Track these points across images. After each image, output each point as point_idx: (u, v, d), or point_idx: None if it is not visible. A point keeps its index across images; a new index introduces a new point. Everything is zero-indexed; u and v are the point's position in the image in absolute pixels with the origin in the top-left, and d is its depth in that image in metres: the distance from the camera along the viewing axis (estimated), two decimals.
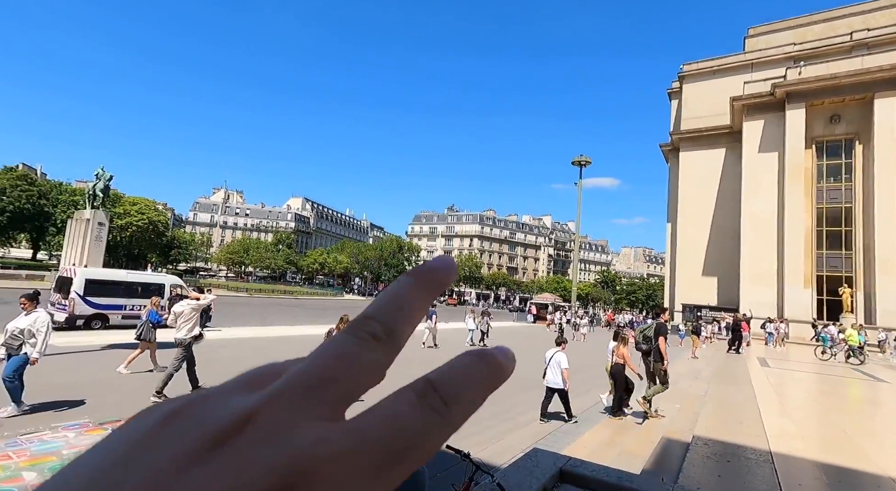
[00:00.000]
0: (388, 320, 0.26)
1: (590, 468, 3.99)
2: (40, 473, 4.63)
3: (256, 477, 0.19)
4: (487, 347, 0.27)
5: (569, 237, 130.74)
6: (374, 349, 0.26)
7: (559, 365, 8.02)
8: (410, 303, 0.27)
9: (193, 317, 8.03)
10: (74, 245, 24.44)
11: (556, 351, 8.30)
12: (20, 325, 6.57)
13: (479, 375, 0.25)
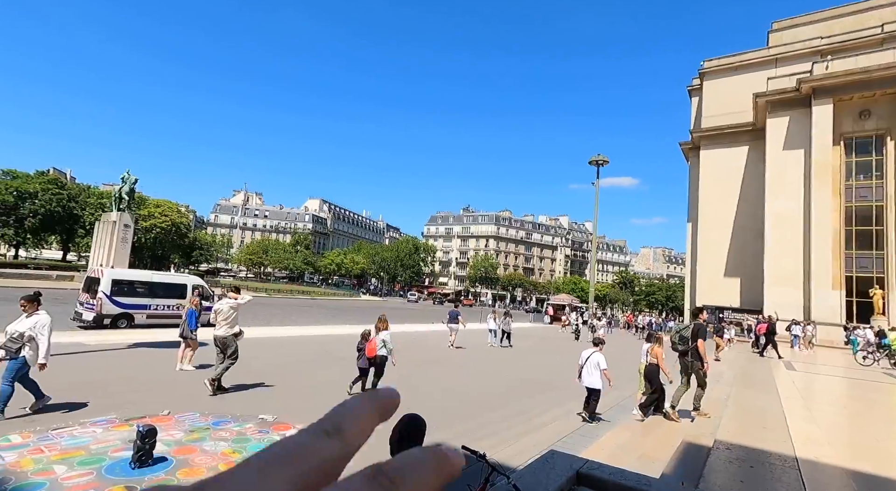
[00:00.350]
0: (338, 421, 0.30)
1: (607, 471, 3.94)
2: (70, 467, 4.81)
3: None
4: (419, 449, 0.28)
5: (586, 237, 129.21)
6: (324, 442, 0.29)
7: (597, 366, 8.01)
8: (359, 411, 0.31)
9: (232, 315, 8.44)
10: (102, 246, 25.18)
11: (594, 351, 8.27)
12: (20, 328, 6.23)
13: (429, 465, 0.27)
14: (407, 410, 2.94)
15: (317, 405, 7.87)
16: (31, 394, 6.44)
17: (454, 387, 10.45)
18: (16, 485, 4.29)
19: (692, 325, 7.83)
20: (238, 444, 5.81)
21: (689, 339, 7.68)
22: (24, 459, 4.83)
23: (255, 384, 9.04)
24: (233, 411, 7.03)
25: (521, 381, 11.95)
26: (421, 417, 2.74)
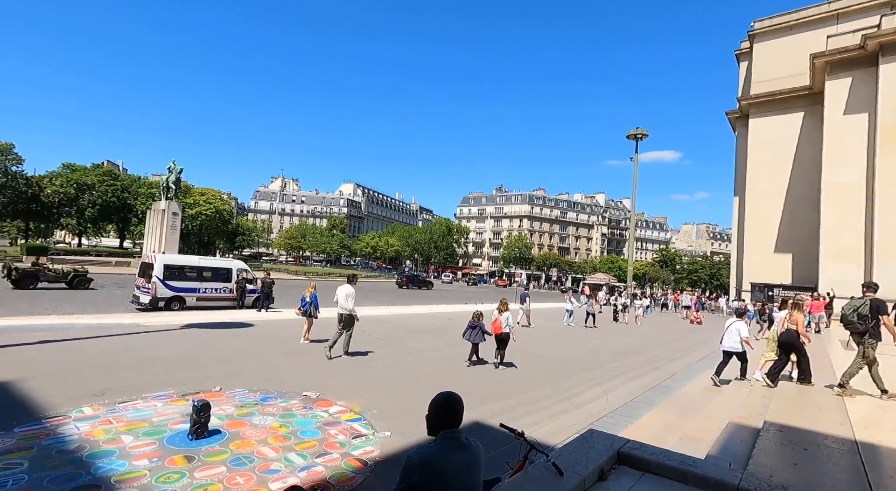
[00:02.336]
0: None
1: (649, 451, 3.86)
2: (136, 437, 5.20)
3: None
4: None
5: (624, 215, 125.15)
6: None
7: (738, 332, 9.09)
8: None
9: (353, 295, 10.29)
10: (153, 233, 26.73)
11: (736, 321, 9.34)
12: None
13: None
14: (451, 387, 2.96)
15: (354, 382, 8.13)
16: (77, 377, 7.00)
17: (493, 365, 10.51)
18: (90, 452, 4.69)
19: (867, 301, 7.00)
20: (284, 419, 6.10)
21: (869, 316, 6.86)
22: (96, 430, 5.26)
23: (300, 362, 9.42)
24: (279, 389, 7.37)
25: (558, 360, 11.88)
26: (457, 395, 2.75)
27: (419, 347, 12.32)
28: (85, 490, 3.97)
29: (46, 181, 60.07)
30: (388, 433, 5.82)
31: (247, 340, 11.55)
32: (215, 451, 4.95)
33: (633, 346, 15.80)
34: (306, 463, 4.84)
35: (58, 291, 20.28)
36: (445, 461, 2.44)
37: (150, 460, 4.60)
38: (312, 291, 12.34)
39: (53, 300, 17.33)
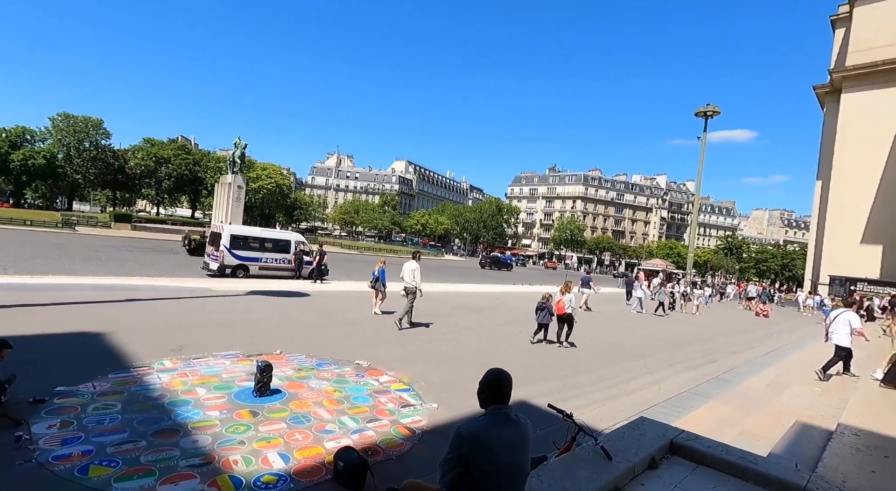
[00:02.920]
0: None
1: (705, 443, 3.71)
2: (208, 390, 5.69)
3: None
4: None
5: (687, 198, 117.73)
6: None
7: (848, 323, 8.53)
8: None
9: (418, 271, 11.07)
10: (220, 205, 28.52)
11: (845, 311, 8.84)
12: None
13: None
14: (496, 365, 2.98)
15: (402, 355, 8.39)
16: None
17: (541, 347, 10.46)
18: (170, 400, 5.22)
19: None
20: (338, 384, 6.43)
21: None
22: (175, 381, 5.82)
23: (352, 332, 9.85)
24: (333, 356, 7.76)
25: (609, 345, 11.59)
26: (506, 372, 2.76)
27: (467, 324, 12.46)
28: (167, 433, 4.43)
29: (130, 154, 65.54)
30: (434, 405, 5.99)
31: (303, 309, 12.21)
32: (277, 408, 5.33)
33: (689, 336, 15.08)
34: (358, 427, 5.11)
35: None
36: (494, 435, 2.48)
37: (220, 412, 5.05)
38: (382, 266, 12.92)
39: (141, 264, 19.13)
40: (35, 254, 19.06)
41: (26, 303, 9.12)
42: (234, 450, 4.25)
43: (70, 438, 4.12)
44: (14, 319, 7.81)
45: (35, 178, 62.32)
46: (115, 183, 65.67)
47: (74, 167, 61.07)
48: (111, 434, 4.28)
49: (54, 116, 62.26)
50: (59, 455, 3.84)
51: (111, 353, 6.67)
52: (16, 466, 3.61)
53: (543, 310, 10.67)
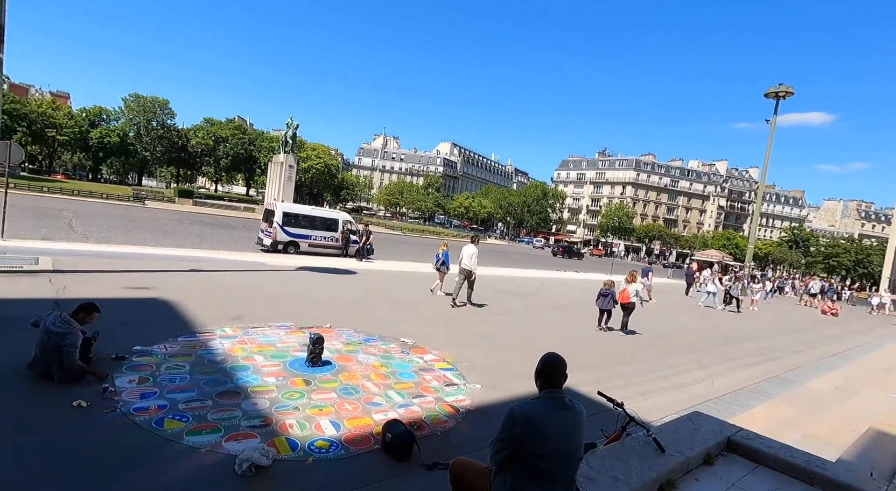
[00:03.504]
0: None
1: (767, 444, 3.52)
2: (265, 358, 6.02)
3: None
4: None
5: (749, 186, 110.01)
6: None
7: None
8: None
9: (476, 254, 11.53)
10: (273, 184, 29.73)
11: None
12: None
13: None
14: (540, 350, 2.94)
15: (447, 334, 8.49)
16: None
17: (594, 335, 10.28)
18: (232, 364, 5.58)
19: None
20: (385, 359, 6.63)
21: None
22: (235, 347, 6.21)
23: (397, 311, 10.09)
24: (379, 332, 7.99)
25: (658, 337, 11.20)
26: (561, 357, 2.73)
27: (510, 308, 12.42)
28: (230, 395, 4.76)
29: (192, 133, 69.25)
30: (478, 386, 6.05)
31: (350, 286, 12.60)
32: (328, 379, 5.57)
33: (746, 331, 14.28)
34: (404, 401, 5.25)
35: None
36: (547, 418, 2.47)
37: (276, 379, 5.34)
38: (445, 249, 13.25)
39: (201, 238, 20.40)
40: (111, 225, 20.76)
41: (105, 269, 9.98)
42: (290, 415, 4.50)
43: (147, 393, 4.52)
44: (95, 283, 8.58)
45: (110, 154, 67.45)
46: (178, 160, 69.93)
47: (143, 145, 65.48)
48: (182, 392, 4.65)
49: (126, 97, 66.74)
50: (138, 407, 4.22)
51: (179, 318, 7.20)
52: (103, 415, 4.02)
53: (606, 296, 10.80)
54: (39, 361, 4.41)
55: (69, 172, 76.93)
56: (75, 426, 3.81)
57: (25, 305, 6.65)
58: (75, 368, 4.42)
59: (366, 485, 3.58)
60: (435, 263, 13.30)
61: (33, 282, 8.17)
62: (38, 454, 3.38)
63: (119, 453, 3.53)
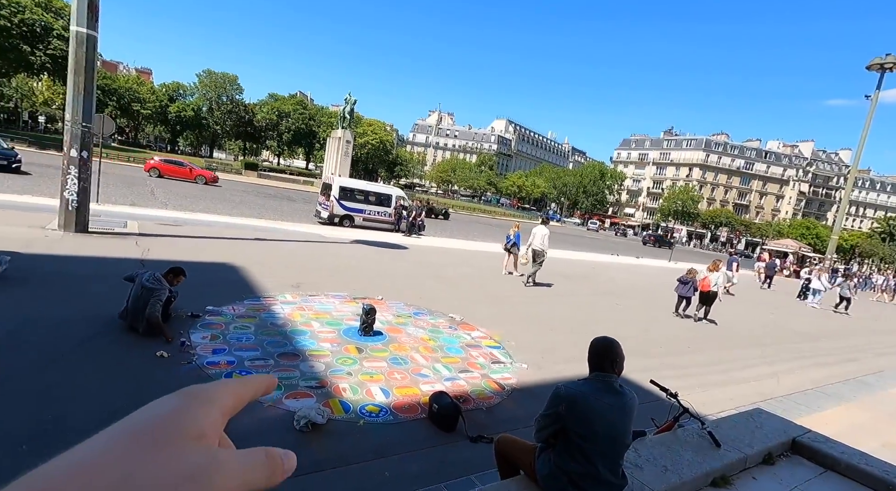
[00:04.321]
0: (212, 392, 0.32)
1: (839, 449, 3.27)
2: (321, 324, 6.34)
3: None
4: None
5: (837, 170, 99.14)
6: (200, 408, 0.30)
7: None
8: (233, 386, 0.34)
9: (548, 236, 11.95)
10: (331, 158, 30.66)
11: None
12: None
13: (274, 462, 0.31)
14: (590, 334, 2.88)
15: (495, 313, 8.51)
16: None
17: (648, 324, 9.93)
18: (292, 328, 5.95)
19: None
20: (433, 333, 6.78)
21: None
22: (294, 313, 6.60)
23: (446, 287, 10.23)
24: (428, 307, 8.15)
25: (722, 329, 10.60)
26: (615, 342, 2.66)
27: (561, 290, 12.20)
28: (290, 356, 5.09)
29: (257, 108, 72.51)
30: (525, 365, 6.05)
31: (402, 261, 12.89)
32: (379, 348, 5.80)
33: (823, 329, 13.17)
34: (451, 375, 5.37)
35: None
36: (592, 401, 2.45)
37: (331, 345, 5.64)
38: (516, 231, 13.42)
39: (265, 208, 21.61)
40: (186, 194, 22.43)
41: (182, 234, 10.86)
42: (343, 379, 4.75)
43: (218, 349, 4.94)
44: (174, 246, 9.37)
45: (186, 128, 72.32)
46: (245, 134, 73.73)
47: (215, 119, 69.53)
48: (247, 351, 5.03)
49: (200, 73, 70.78)
50: (210, 361, 4.63)
51: (245, 282, 7.74)
52: (181, 365, 4.45)
53: (686, 284, 10.80)
54: (129, 312, 4.92)
55: (151, 144, 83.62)
56: (159, 373, 4.26)
57: (115, 264, 7.42)
58: (154, 321, 4.90)
59: (413, 450, 3.74)
60: (506, 244, 13.52)
61: (122, 243, 9.07)
62: (128, 394, 3.82)
63: None
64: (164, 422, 0.28)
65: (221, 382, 0.33)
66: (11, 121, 65.32)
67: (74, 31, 8.83)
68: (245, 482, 0.28)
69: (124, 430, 0.27)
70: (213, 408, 0.31)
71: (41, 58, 37.32)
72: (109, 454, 0.25)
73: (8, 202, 11.60)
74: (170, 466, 0.26)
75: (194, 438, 0.28)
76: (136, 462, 0.25)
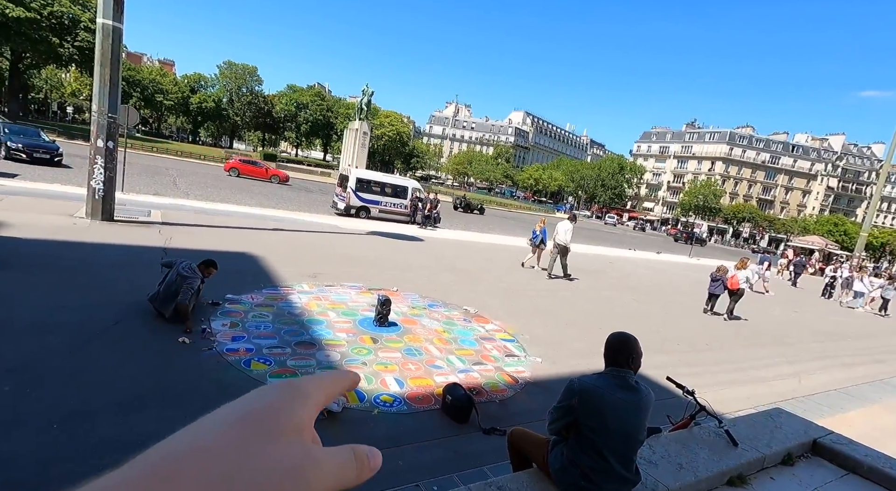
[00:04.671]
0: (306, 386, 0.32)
1: (862, 451, 3.19)
2: (337, 314, 6.43)
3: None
4: None
5: (869, 165, 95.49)
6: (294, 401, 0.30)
7: None
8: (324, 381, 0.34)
9: (571, 231, 12.19)
10: (348, 150, 30.76)
11: None
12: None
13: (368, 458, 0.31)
14: (605, 329, 2.86)
15: (510, 307, 8.50)
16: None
17: (668, 319, 9.81)
18: (308, 318, 6.04)
19: None
20: (447, 325, 6.80)
21: None
22: (311, 303, 6.70)
23: (461, 280, 10.24)
24: (443, 299, 8.18)
25: (741, 326, 10.39)
26: (632, 337, 2.63)
27: (575, 285, 12.10)
28: (306, 345, 5.18)
29: (276, 99, 73.18)
30: (539, 359, 6.04)
31: (417, 253, 12.93)
32: (393, 339, 5.86)
33: (849, 329, 12.80)
34: (464, 367, 5.40)
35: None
36: (605, 395, 2.44)
37: (347, 335, 5.71)
38: (542, 226, 13.49)
39: (283, 199, 21.90)
40: (206, 184, 22.86)
41: (203, 223, 11.09)
42: (358, 368, 4.81)
43: (237, 337, 5.06)
44: (195, 235, 9.58)
45: (207, 118, 73.49)
46: (264, 125, 74.58)
47: (235, 110, 70.46)
48: (266, 338, 5.14)
49: (221, 64, 71.65)
50: (230, 348, 4.75)
51: (264, 272, 7.88)
52: (202, 351, 4.57)
53: (717, 281, 11.08)
54: (160, 297, 5.05)
55: (173, 134, 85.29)
56: (181, 358, 4.39)
57: (139, 252, 7.63)
58: (183, 309, 5.01)
59: (426, 440, 3.78)
60: (531, 239, 13.65)
61: (146, 231, 9.31)
62: (152, 379, 3.95)
63: (216, 384, 4.04)
64: (267, 413, 0.28)
65: (314, 377, 0.33)
66: (41, 111, 67.35)
67: (101, 23, 9.02)
68: (337, 480, 0.28)
69: (235, 417, 0.28)
70: (309, 402, 0.31)
71: (69, 49, 38.22)
72: (225, 440, 0.26)
73: (39, 191, 12.00)
74: (275, 458, 0.26)
75: (294, 432, 0.28)
76: (248, 451, 0.26)
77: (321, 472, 0.28)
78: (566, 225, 12.17)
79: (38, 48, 37.06)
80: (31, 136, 19.58)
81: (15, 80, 42.17)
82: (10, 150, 17.78)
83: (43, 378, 3.70)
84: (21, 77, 43.91)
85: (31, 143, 18.47)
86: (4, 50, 39.75)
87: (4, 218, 8.23)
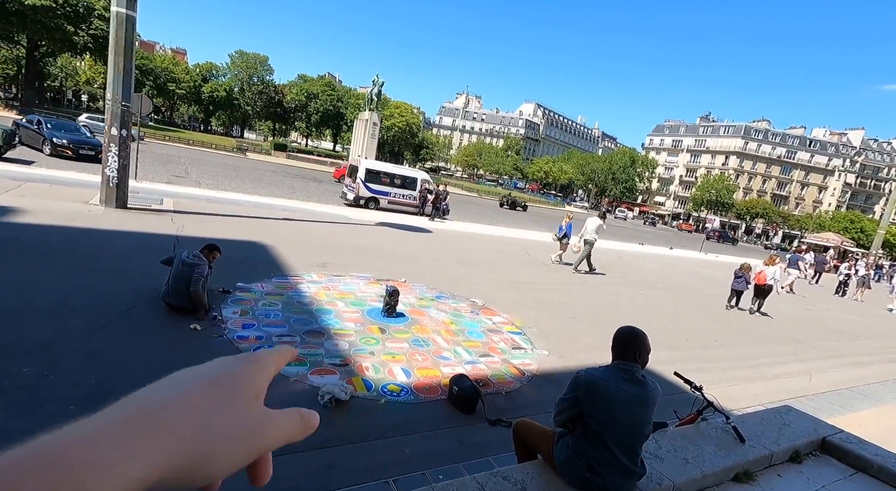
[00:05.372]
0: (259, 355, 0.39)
1: (872, 450, 3.16)
2: (346, 304, 6.47)
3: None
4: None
5: (889, 160, 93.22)
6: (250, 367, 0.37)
7: None
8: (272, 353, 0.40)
9: (596, 229, 12.34)
10: (358, 140, 30.75)
11: None
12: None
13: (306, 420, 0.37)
14: (613, 323, 2.85)
15: (518, 299, 8.49)
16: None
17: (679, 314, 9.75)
18: (317, 307, 6.10)
19: None
20: (455, 317, 6.83)
21: None
22: (320, 292, 6.76)
23: (470, 272, 10.25)
24: (451, 291, 8.20)
25: (751, 323, 10.29)
26: (640, 332, 2.62)
27: (585, 279, 12.05)
28: (315, 334, 5.24)
29: (287, 89, 73.22)
30: (546, 352, 6.05)
31: (426, 244, 12.95)
32: (401, 330, 5.90)
33: (863, 327, 12.60)
34: (471, 359, 5.43)
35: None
36: (611, 388, 2.45)
37: (355, 324, 5.76)
38: (569, 221, 13.72)
39: (293, 189, 22.02)
40: (218, 173, 23.05)
41: (214, 212, 11.20)
42: (366, 358, 4.86)
43: (248, 324, 5.13)
44: (206, 224, 9.69)
45: (218, 108, 73.84)
46: (275, 115, 74.79)
47: (245, 100, 70.70)
48: (275, 327, 5.20)
49: (232, 54, 71.78)
50: (240, 335, 4.81)
51: (273, 261, 7.95)
52: (214, 338, 4.65)
53: (740, 278, 11.16)
54: (171, 292, 5.08)
55: (185, 123, 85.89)
56: (192, 345, 4.46)
57: (152, 239, 7.74)
58: (197, 297, 5.07)
59: (432, 430, 3.82)
60: (557, 234, 13.82)
61: (158, 219, 9.43)
62: (165, 363, 4.02)
63: None
64: (235, 378, 0.34)
65: (266, 351, 0.39)
66: (56, 99, 68.12)
67: (115, 11, 9.07)
68: (288, 435, 0.35)
69: (204, 379, 0.33)
70: (264, 372, 0.37)
71: (84, 38, 38.51)
72: (197, 396, 0.31)
73: (54, 177, 12.19)
74: (240, 417, 0.32)
75: (254, 397, 0.34)
76: (217, 409, 0.31)
77: (276, 429, 0.34)
78: (596, 221, 12.37)
79: (53, 36, 37.40)
80: (72, 130, 19.16)
81: (31, 68, 42.68)
82: (56, 146, 17.43)
83: (62, 359, 3.80)
84: (37, 65, 44.41)
85: (76, 140, 18.07)
86: (21, 38, 40.16)
87: (22, 204, 8.39)
